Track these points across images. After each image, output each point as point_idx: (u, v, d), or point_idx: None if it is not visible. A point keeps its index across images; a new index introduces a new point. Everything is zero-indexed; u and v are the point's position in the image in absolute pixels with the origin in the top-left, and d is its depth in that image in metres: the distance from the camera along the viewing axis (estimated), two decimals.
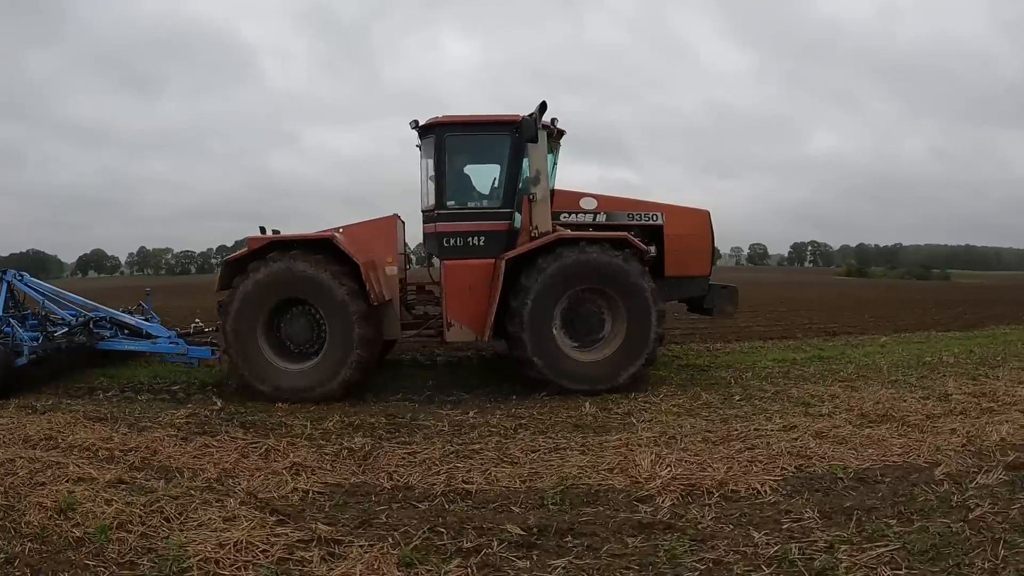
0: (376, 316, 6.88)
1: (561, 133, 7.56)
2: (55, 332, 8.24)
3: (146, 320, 9.04)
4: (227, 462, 4.46)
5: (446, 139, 7.07)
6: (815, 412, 5.54)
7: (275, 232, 7.21)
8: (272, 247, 6.79)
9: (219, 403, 6.40)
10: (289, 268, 6.67)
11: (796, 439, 4.69)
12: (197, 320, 9.10)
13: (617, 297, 6.62)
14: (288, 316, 6.94)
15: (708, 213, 7.71)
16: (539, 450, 4.69)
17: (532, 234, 6.70)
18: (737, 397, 6.30)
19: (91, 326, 8.71)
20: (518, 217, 7.08)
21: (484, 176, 7.47)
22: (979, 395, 6.07)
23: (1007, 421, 5.00)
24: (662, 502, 3.64)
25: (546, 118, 6.83)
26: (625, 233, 6.74)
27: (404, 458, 4.55)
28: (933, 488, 3.69)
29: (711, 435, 4.90)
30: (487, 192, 7.37)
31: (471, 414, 5.84)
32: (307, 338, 6.92)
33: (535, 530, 3.29)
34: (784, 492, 3.74)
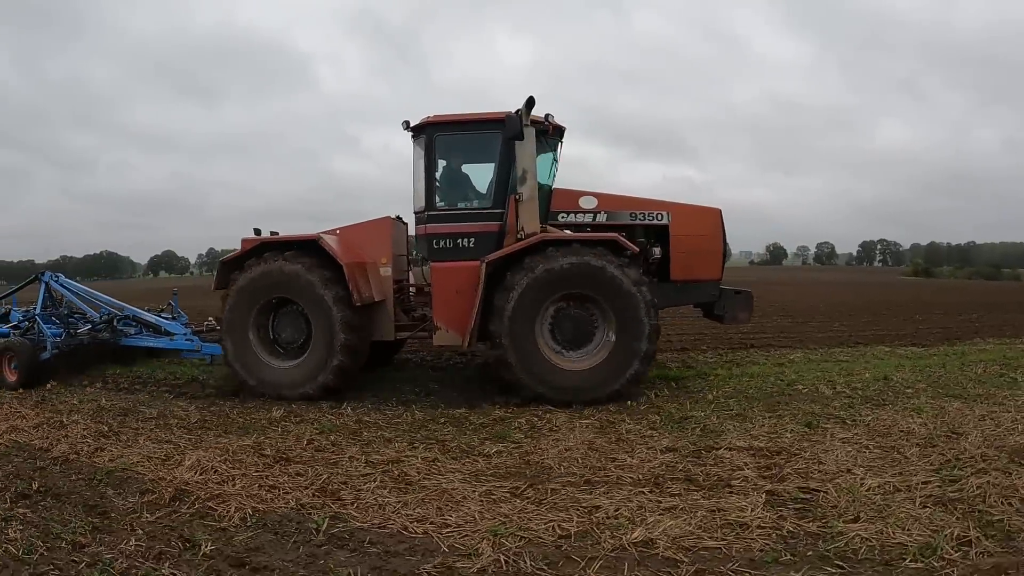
0: (361, 320, 6.81)
1: (559, 130, 7.25)
2: (79, 329, 8.74)
3: (172, 318, 9.39)
4: None
5: (436, 139, 6.91)
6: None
7: (273, 233, 7.33)
8: (264, 248, 6.92)
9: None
10: (279, 268, 6.76)
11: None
12: (210, 319, 9.42)
13: (605, 303, 6.22)
14: (280, 315, 7.07)
15: (719, 212, 7.17)
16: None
17: (519, 235, 6.42)
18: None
19: (115, 324, 9.21)
20: None
21: (475, 176, 7.23)
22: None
23: None
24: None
25: (539, 113, 6.54)
26: (615, 234, 6.33)
27: None
28: None
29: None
30: (477, 192, 7.13)
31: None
32: (295, 338, 6.99)
33: None
34: None
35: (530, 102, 6.30)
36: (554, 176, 7.50)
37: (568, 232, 6.67)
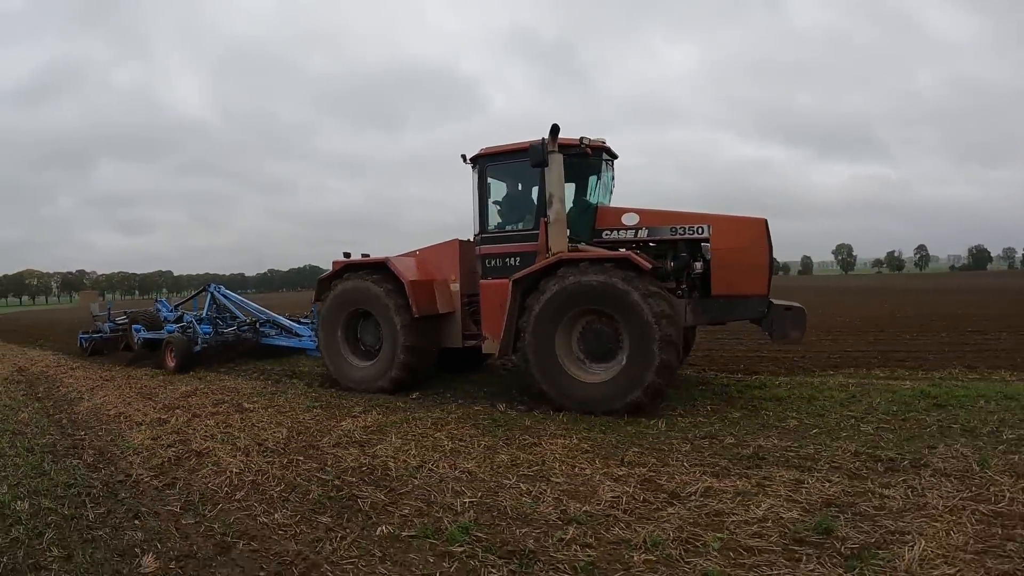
0: (424, 328, 7.83)
1: (603, 150, 7.52)
2: (224, 330, 11.19)
3: (312, 324, 11.35)
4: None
5: (487, 168, 7.70)
6: None
7: (364, 256, 8.69)
8: (348, 269, 8.31)
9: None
10: (355, 286, 8.14)
11: None
12: None
13: (618, 318, 6.32)
14: (363, 323, 8.43)
15: (764, 222, 6.78)
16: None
17: (548, 255, 6.86)
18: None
19: (257, 326, 11.55)
20: None
21: (520, 201, 7.80)
22: None
23: None
24: None
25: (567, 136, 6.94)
26: (627, 252, 6.45)
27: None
28: None
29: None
30: (520, 216, 7.68)
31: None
32: (375, 342, 8.24)
33: None
34: None
35: (554, 130, 6.73)
36: (602, 195, 7.81)
37: (593, 250, 6.90)
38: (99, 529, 3.95)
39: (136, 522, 4.03)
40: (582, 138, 7.16)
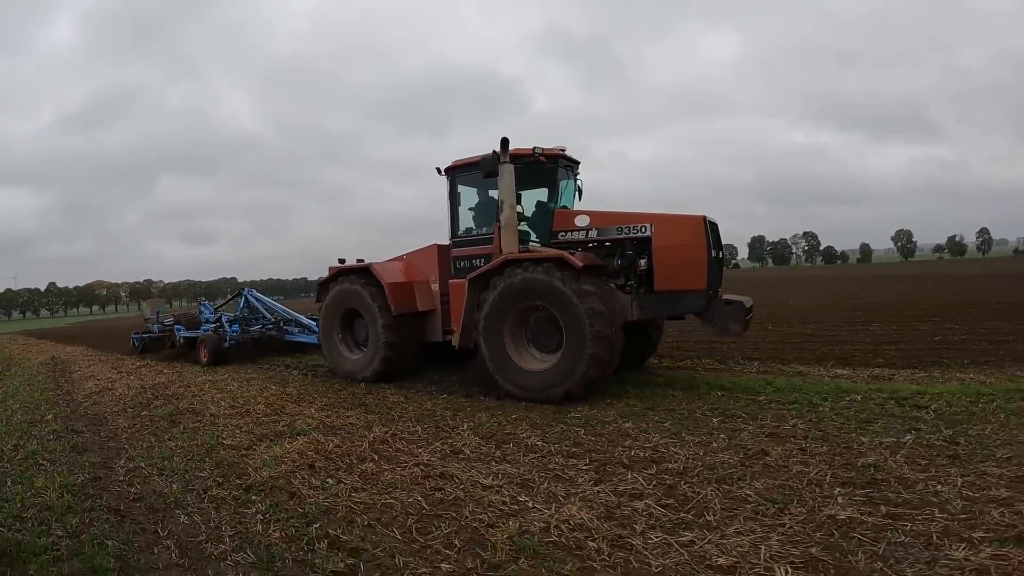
0: (404, 324, 8.78)
1: (555, 159, 8.07)
2: (251, 328, 12.54)
3: None
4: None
5: (456, 178, 8.57)
6: None
7: (359, 261, 9.72)
8: (341, 273, 9.40)
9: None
10: (346, 289, 9.22)
11: None
12: None
13: (556, 313, 6.92)
14: (357, 321, 9.45)
15: (701, 219, 7.18)
16: None
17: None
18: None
19: (282, 325, 12.85)
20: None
21: (486, 208, 8.55)
22: None
23: None
24: None
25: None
26: (562, 252, 7.07)
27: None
28: None
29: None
30: (483, 222, 8.44)
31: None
32: (364, 337, 9.27)
33: None
34: None
35: (504, 142, 7.46)
36: (566, 199, 8.48)
37: (538, 251, 7.55)
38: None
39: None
40: (534, 148, 7.84)
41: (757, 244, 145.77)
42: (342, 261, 9.66)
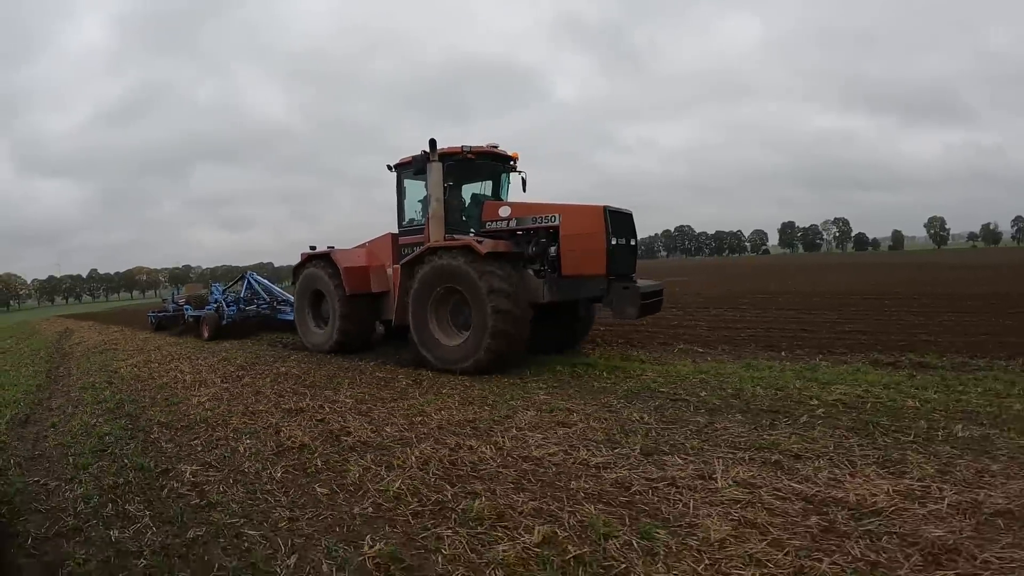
0: (359, 304, 10.14)
1: (486, 155, 9.13)
2: (247, 307, 14.15)
3: None
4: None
5: (401, 175, 9.80)
6: None
7: (329, 248, 11.07)
8: (310, 259, 10.82)
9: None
10: (313, 272, 10.63)
11: None
12: None
13: (466, 293, 7.79)
14: (323, 301, 10.85)
15: (602, 209, 7.74)
16: None
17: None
18: None
19: (276, 305, 14.38)
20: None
21: (425, 201, 9.50)
22: None
23: None
24: None
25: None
26: (469, 239, 8.03)
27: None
28: None
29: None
30: (421, 213, 9.56)
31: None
32: (328, 315, 10.67)
33: None
34: None
35: (431, 143, 8.47)
36: (501, 192, 9.55)
37: (456, 239, 8.37)
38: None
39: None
40: (463, 146, 8.88)
41: (787, 230, 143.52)
42: (313, 248, 11.06)
